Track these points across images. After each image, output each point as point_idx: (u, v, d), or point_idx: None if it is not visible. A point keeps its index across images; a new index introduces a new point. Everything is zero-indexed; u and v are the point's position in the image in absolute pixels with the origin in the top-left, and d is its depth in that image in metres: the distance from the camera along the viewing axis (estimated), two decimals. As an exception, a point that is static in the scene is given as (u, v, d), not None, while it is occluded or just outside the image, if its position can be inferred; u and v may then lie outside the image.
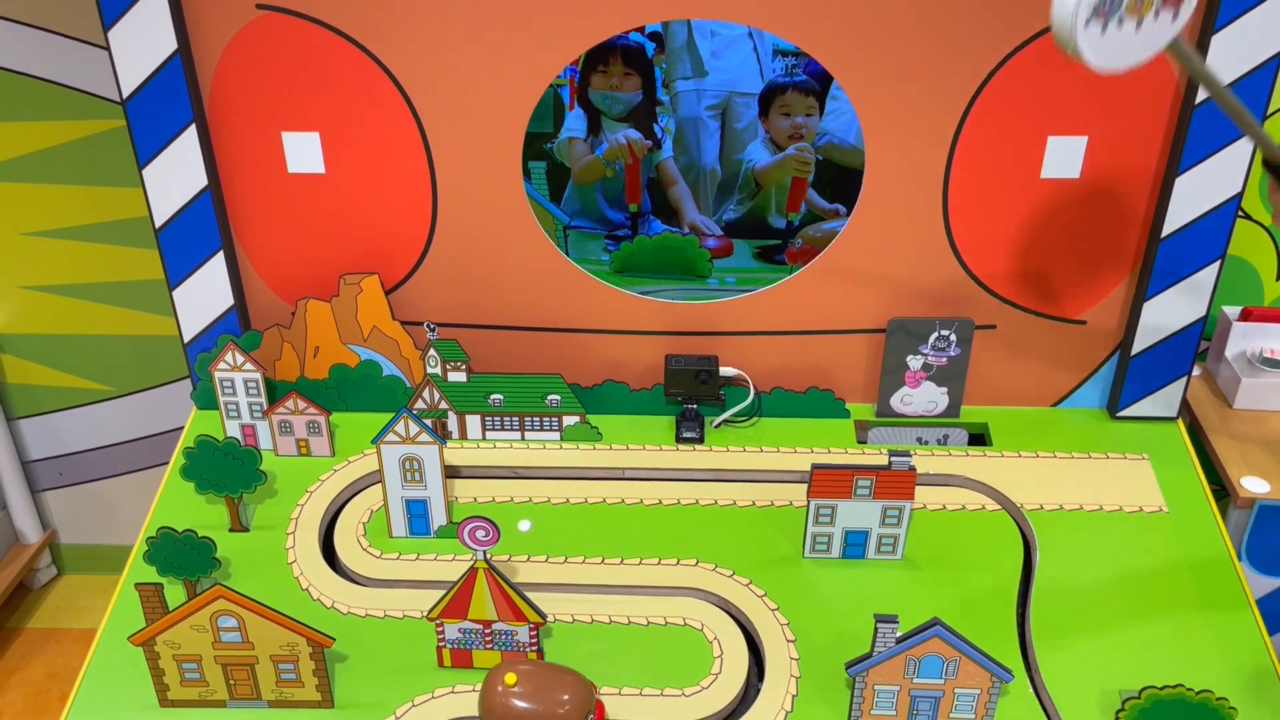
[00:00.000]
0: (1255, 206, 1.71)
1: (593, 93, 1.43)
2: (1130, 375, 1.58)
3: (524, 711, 1.15)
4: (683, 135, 1.46)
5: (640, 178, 1.50)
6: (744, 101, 1.44)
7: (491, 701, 1.15)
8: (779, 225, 1.52)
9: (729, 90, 1.43)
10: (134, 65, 1.41)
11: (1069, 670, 1.26)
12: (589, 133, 1.46)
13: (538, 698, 1.15)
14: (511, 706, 1.15)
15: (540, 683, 1.17)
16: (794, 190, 1.49)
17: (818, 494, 1.36)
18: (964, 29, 1.37)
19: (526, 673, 1.17)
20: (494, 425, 1.59)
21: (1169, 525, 1.44)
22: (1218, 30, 1.34)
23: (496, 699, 1.15)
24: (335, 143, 1.48)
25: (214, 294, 1.58)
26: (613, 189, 1.50)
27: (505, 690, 1.15)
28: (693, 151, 1.47)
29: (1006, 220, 1.50)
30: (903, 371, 1.59)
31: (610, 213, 1.52)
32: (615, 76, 1.42)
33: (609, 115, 1.45)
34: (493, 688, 1.16)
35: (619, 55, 1.41)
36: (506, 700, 1.15)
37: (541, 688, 1.16)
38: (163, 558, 1.31)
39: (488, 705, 1.16)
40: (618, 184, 1.50)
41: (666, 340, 1.61)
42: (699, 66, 1.41)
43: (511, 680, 1.15)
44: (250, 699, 1.23)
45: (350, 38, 1.41)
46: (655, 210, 1.52)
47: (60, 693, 2.22)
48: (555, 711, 1.15)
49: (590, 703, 1.17)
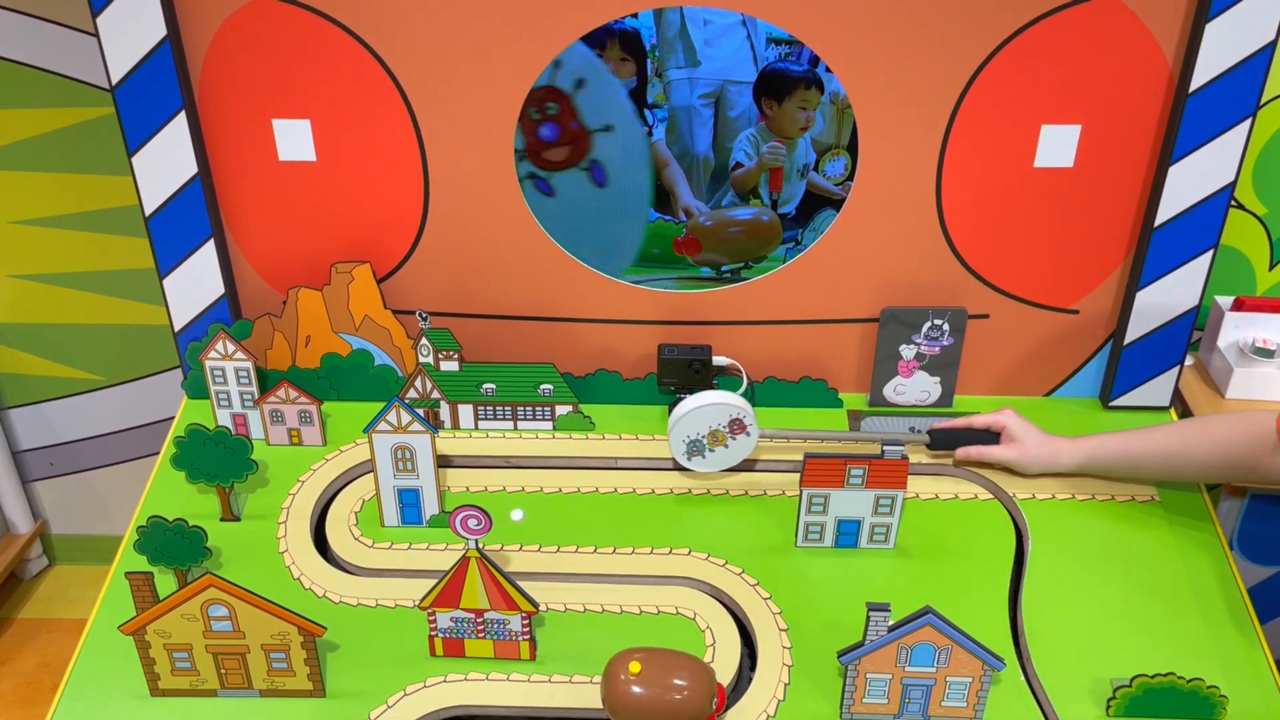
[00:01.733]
0: (1248, 196, 1.72)
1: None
2: (1123, 365, 1.58)
3: (647, 699, 1.14)
4: (676, 123, 1.45)
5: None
6: (737, 90, 1.43)
7: (616, 691, 1.15)
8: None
9: (722, 79, 1.42)
10: (123, 52, 1.40)
11: (1061, 658, 1.26)
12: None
13: (662, 685, 1.15)
14: (634, 695, 1.14)
15: (662, 669, 1.16)
16: (773, 175, 1.49)
17: (810, 483, 1.36)
18: (957, 17, 1.37)
19: (649, 660, 1.16)
20: (486, 414, 1.59)
21: (1161, 514, 1.44)
22: (1211, 19, 1.33)
23: (620, 688, 1.14)
24: (326, 130, 1.47)
25: (204, 283, 1.57)
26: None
27: (628, 679, 1.14)
28: (686, 140, 1.47)
29: (999, 209, 1.50)
30: (896, 361, 1.59)
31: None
32: (613, 62, 1.41)
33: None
34: (615, 677, 1.15)
35: (617, 40, 1.40)
36: (628, 689, 1.14)
37: (664, 674, 1.15)
38: (153, 547, 1.31)
39: (613, 695, 1.15)
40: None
41: (659, 330, 1.60)
42: (692, 55, 1.41)
43: (636, 669, 1.15)
44: (241, 688, 1.23)
45: (342, 24, 1.40)
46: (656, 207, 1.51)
47: (51, 683, 2.21)
48: (677, 698, 1.14)
49: (713, 687, 1.17)
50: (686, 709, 1.15)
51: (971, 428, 1.49)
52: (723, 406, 1.44)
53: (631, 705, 1.14)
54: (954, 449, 1.49)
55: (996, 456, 1.46)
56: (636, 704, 1.14)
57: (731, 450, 1.47)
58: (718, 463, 1.48)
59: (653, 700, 1.14)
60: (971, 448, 1.47)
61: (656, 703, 1.14)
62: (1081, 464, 1.44)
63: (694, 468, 1.49)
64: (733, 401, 1.45)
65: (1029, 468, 1.45)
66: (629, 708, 1.14)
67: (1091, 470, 1.45)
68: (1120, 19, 1.37)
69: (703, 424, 1.45)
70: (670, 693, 1.14)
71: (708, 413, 1.44)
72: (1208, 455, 1.35)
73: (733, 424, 1.44)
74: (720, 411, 1.44)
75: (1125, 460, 1.42)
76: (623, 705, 1.14)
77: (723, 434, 1.44)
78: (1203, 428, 1.37)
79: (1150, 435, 1.41)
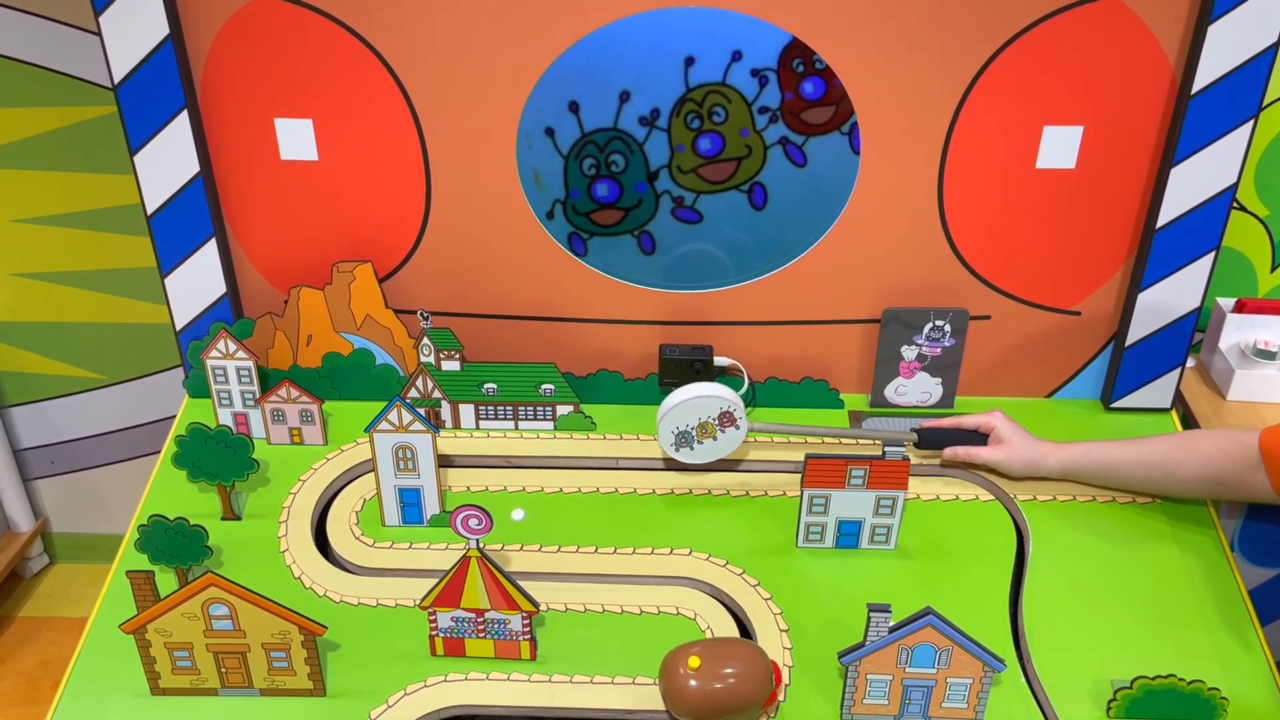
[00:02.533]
0: (1250, 198, 1.72)
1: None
2: (1124, 366, 1.58)
3: (713, 692, 1.15)
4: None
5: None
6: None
7: (678, 687, 1.16)
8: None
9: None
10: (126, 51, 1.40)
11: (1061, 660, 1.26)
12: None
13: (721, 676, 1.16)
14: (696, 690, 1.15)
15: (719, 659, 1.17)
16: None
17: (811, 484, 1.36)
18: (960, 18, 1.37)
19: (705, 652, 1.17)
20: (487, 414, 1.59)
21: (1162, 516, 1.44)
22: (1213, 21, 1.33)
23: (681, 683, 1.15)
24: (328, 130, 1.47)
25: (206, 282, 1.57)
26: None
27: (687, 673, 1.16)
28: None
29: (1001, 210, 1.50)
30: (897, 362, 1.59)
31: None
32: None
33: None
34: (675, 671, 1.16)
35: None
36: (687, 683, 1.15)
37: (721, 664, 1.16)
38: (154, 546, 1.31)
39: (675, 692, 1.16)
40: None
41: (661, 330, 1.60)
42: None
43: (695, 664, 1.16)
44: (242, 687, 1.23)
45: (344, 24, 1.40)
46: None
47: (52, 681, 2.21)
48: (740, 687, 1.16)
49: (768, 667, 1.18)
50: (748, 694, 1.16)
51: (960, 428, 1.49)
52: (712, 399, 1.44)
53: (696, 700, 1.15)
54: (942, 448, 1.49)
55: (983, 458, 1.46)
56: (701, 698, 1.15)
57: (720, 443, 1.46)
58: (706, 455, 1.48)
59: (716, 692, 1.15)
60: (959, 448, 1.48)
61: (720, 694, 1.16)
62: (1065, 470, 1.45)
63: (681, 459, 1.48)
64: (722, 394, 1.45)
65: (1013, 470, 1.46)
66: (694, 703, 1.15)
67: (1075, 477, 1.46)
68: (1123, 21, 1.37)
69: (692, 416, 1.45)
70: (730, 681, 1.16)
71: (697, 405, 1.44)
72: (1191, 470, 1.36)
73: (722, 416, 1.43)
74: (710, 404, 1.44)
75: (1108, 469, 1.43)
76: (687, 701, 1.15)
77: (712, 426, 1.43)
78: (1187, 443, 1.39)
79: (1136, 447, 1.42)
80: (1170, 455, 1.38)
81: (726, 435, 1.46)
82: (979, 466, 1.49)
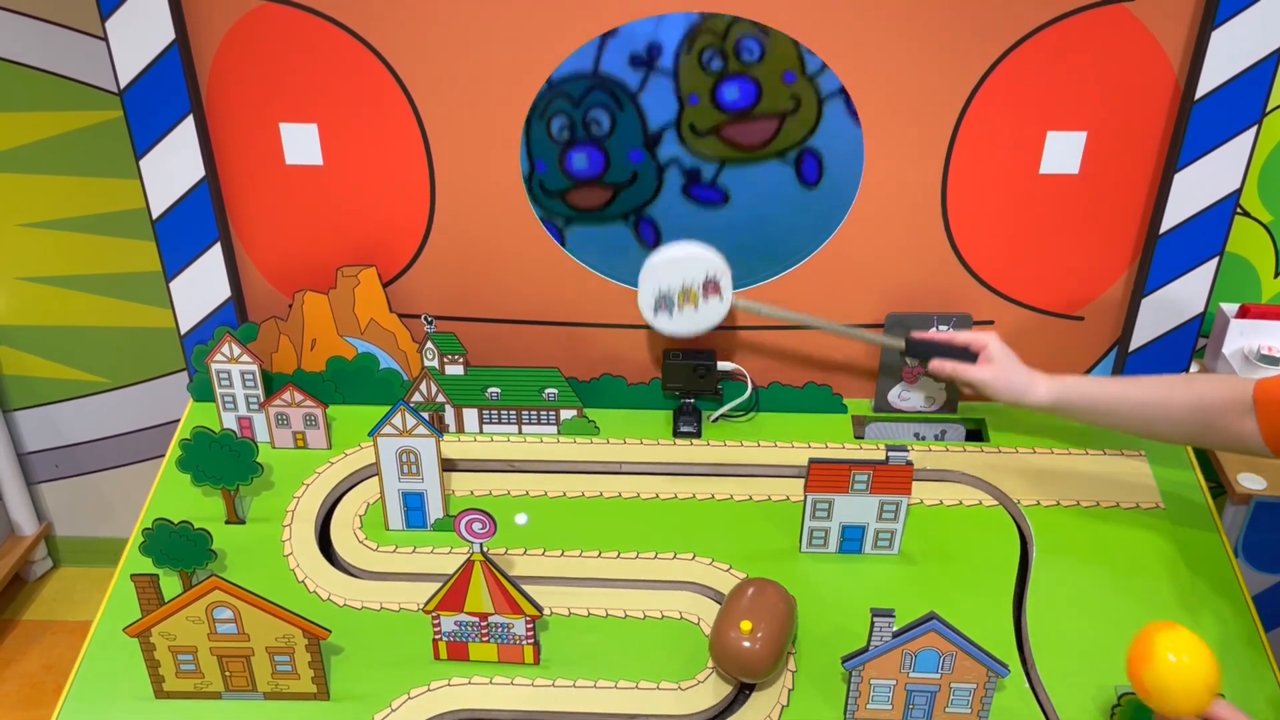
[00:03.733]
0: (1253, 203, 1.72)
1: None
2: (1128, 371, 1.58)
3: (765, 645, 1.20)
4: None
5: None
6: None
7: (739, 652, 1.19)
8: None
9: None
10: (132, 56, 1.41)
11: (1065, 665, 1.26)
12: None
13: (767, 626, 1.21)
14: (756, 650, 1.20)
15: (761, 613, 1.22)
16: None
17: (815, 489, 1.36)
18: (964, 23, 1.37)
19: (751, 610, 1.22)
20: (491, 418, 1.59)
21: (1165, 521, 1.44)
22: (1217, 26, 1.34)
23: (740, 649, 1.19)
24: (333, 134, 1.48)
25: (211, 286, 1.57)
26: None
27: (739, 635, 1.20)
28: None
29: (1005, 215, 1.50)
30: (900, 367, 1.59)
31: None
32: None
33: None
34: (735, 642, 1.19)
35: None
36: (744, 646, 1.19)
37: (762, 612, 1.22)
38: (158, 549, 1.31)
39: (742, 659, 1.20)
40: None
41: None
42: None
43: (748, 627, 1.20)
44: (246, 690, 1.23)
45: (349, 29, 1.41)
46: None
47: (55, 685, 2.22)
48: (777, 626, 1.22)
49: (790, 597, 1.25)
50: (790, 624, 1.24)
51: (951, 343, 1.44)
52: (700, 261, 1.37)
53: (763, 659, 1.20)
54: (929, 360, 1.45)
55: (970, 375, 1.41)
56: (768, 655, 1.20)
57: (701, 313, 1.39)
58: (683, 324, 1.41)
59: (775, 642, 1.21)
60: (947, 362, 1.43)
61: (776, 640, 1.21)
62: (1054, 401, 1.38)
63: (658, 325, 1.41)
64: (711, 259, 1.37)
65: (1000, 393, 1.40)
66: (762, 661, 1.20)
67: (1063, 410, 1.39)
68: (1126, 26, 1.37)
69: (676, 277, 1.37)
70: (777, 628, 1.21)
71: (684, 266, 1.37)
72: (1182, 410, 1.30)
73: (708, 284, 1.36)
74: (697, 267, 1.37)
75: (1099, 404, 1.36)
76: (755, 662, 1.20)
77: (695, 293, 1.36)
78: (1182, 382, 1.33)
79: (1129, 383, 1.36)
80: (1163, 394, 1.32)
81: (708, 305, 1.38)
82: (964, 383, 1.44)
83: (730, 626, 1.19)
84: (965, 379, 1.43)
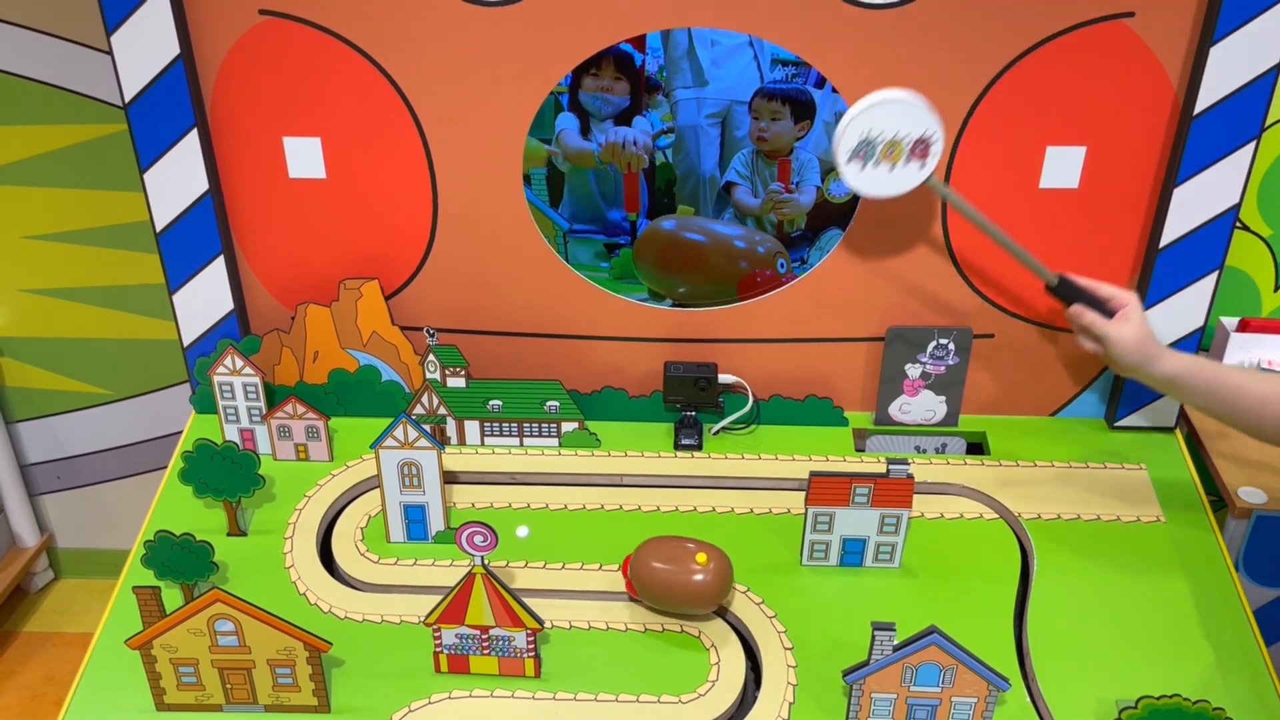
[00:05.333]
0: (1253, 218, 1.72)
1: (583, 94, 1.44)
2: (1128, 385, 1.59)
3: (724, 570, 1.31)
4: (683, 142, 1.46)
5: (639, 185, 1.50)
6: (743, 110, 1.44)
7: (698, 587, 1.29)
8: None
9: (729, 99, 1.43)
10: (136, 70, 1.42)
11: (1066, 679, 1.26)
12: (582, 134, 1.47)
13: (709, 552, 1.30)
14: (717, 575, 1.29)
15: (692, 550, 1.31)
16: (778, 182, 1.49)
17: (816, 501, 1.36)
18: (964, 39, 1.38)
19: (675, 550, 1.31)
20: (492, 431, 1.59)
21: (1166, 535, 1.44)
22: (1216, 42, 1.34)
23: (693, 581, 1.28)
24: (336, 148, 1.49)
25: (214, 298, 1.58)
26: (609, 188, 1.51)
27: (696, 568, 1.28)
28: (692, 159, 1.48)
29: (1005, 229, 1.51)
30: (901, 380, 1.59)
31: (610, 214, 1.52)
32: (606, 79, 1.42)
33: (597, 116, 1.45)
34: (691, 574, 1.28)
35: (611, 60, 1.41)
36: (698, 578, 1.29)
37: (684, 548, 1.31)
38: (160, 561, 1.31)
39: (701, 591, 1.29)
40: (613, 183, 1.50)
41: (665, 347, 1.61)
42: (699, 75, 1.42)
43: (704, 559, 1.28)
44: (246, 703, 1.23)
45: (353, 44, 1.42)
46: (654, 216, 1.52)
47: (56, 696, 2.21)
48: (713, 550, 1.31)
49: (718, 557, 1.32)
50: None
51: (1094, 294, 1.40)
52: (923, 116, 1.29)
53: (719, 587, 1.29)
54: (1070, 304, 1.41)
55: (1106, 329, 1.37)
56: (720, 583, 1.29)
57: (895, 175, 1.31)
58: (871, 182, 1.33)
59: (725, 569, 1.31)
60: (1087, 310, 1.40)
61: (726, 568, 1.31)
62: (1175, 374, 1.35)
63: (847, 175, 1.33)
64: (932, 120, 1.30)
65: (1129, 353, 1.37)
66: (718, 589, 1.29)
67: (1183, 387, 1.36)
68: (1126, 42, 1.38)
69: (890, 124, 1.29)
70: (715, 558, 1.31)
71: (904, 112, 1.28)
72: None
73: (918, 143, 1.27)
74: (917, 119, 1.29)
75: (1216, 390, 1.34)
76: (717, 592, 1.29)
77: (901, 148, 1.27)
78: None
79: (1251, 376, 1.33)
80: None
81: (907, 169, 1.30)
82: (1097, 335, 1.39)
83: (686, 570, 1.26)
84: (1099, 331, 1.39)
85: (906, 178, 1.31)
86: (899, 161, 1.29)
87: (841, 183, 1.41)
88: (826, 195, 1.48)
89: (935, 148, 1.28)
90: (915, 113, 1.30)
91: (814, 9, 1.36)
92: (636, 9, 1.37)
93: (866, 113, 1.30)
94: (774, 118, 1.43)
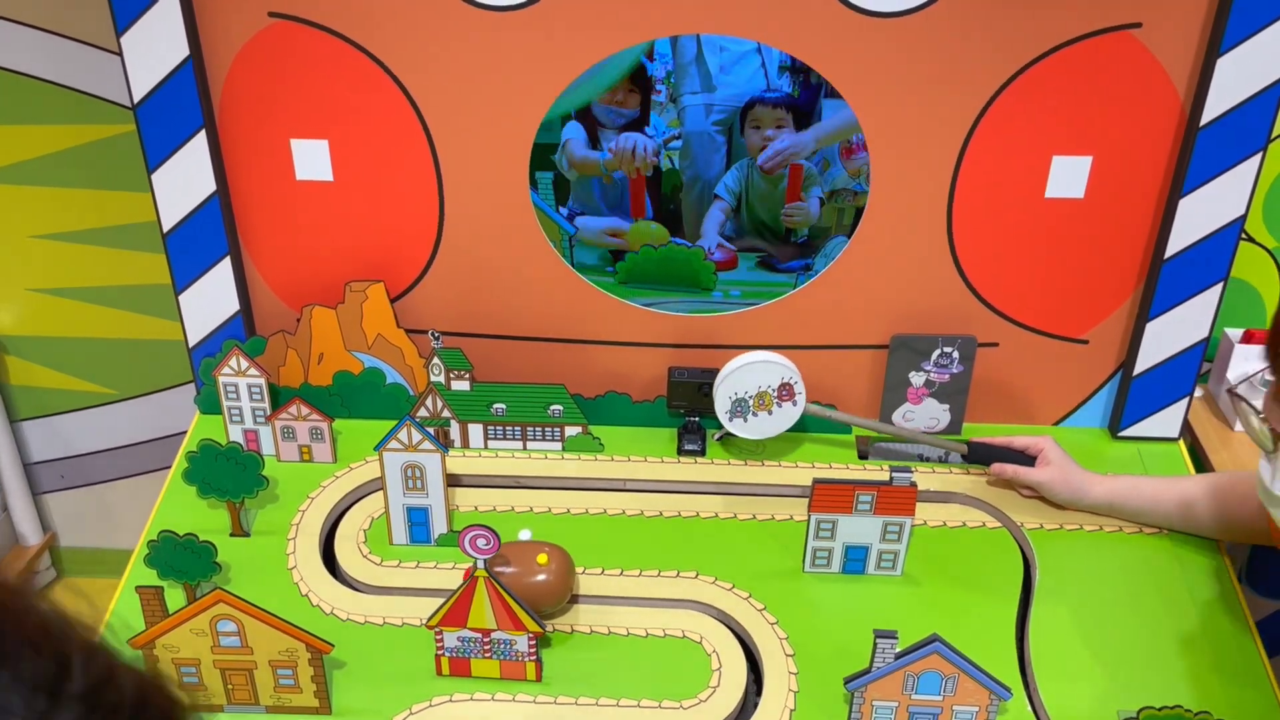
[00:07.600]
0: (1258, 229, 1.72)
1: (595, 105, 1.44)
2: (1132, 395, 1.58)
3: (565, 571, 1.33)
4: (689, 149, 1.47)
5: (644, 192, 1.50)
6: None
7: (541, 586, 1.30)
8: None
9: (736, 105, 1.44)
10: (145, 70, 1.42)
11: (1067, 689, 1.26)
12: (589, 144, 1.47)
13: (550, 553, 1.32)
14: (559, 575, 1.32)
15: (533, 551, 1.32)
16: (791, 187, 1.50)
17: (819, 509, 1.36)
18: (971, 48, 1.38)
19: (523, 552, 1.32)
20: (496, 434, 1.59)
21: (1169, 546, 1.44)
22: (1223, 53, 1.34)
23: (539, 581, 1.30)
24: (344, 151, 1.49)
25: (220, 299, 1.58)
26: (614, 197, 1.51)
27: (540, 567, 1.30)
28: (699, 165, 1.48)
29: (1010, 238, 1.51)
30: (905, 388, 1.59)
31: (613, 220, 1.52)
32: (620, 92, 1.42)
33: (609, 127, 1.45)
34: (533, 573, 1.30)
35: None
36: (541, 578, 1.30)
37: (530, 550, 1.33)
38: (163, 561, 1.31)
39: (545, 591, 1.29)
40: (620, 190, 1.50)
41: (670, 352, 1.61)
42: (707, 81, 1.42)
43: (545, 560, 1.30)
44: (248, 703, 1.23)
45: (361, 47, 1.42)
46: (659, 222, 1.52)
47: (57, 696, 2.21)
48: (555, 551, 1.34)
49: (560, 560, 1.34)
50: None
51: (1010, 447, 1.50)
52: (775, 366, 1.44)
53: (562, 588, 1.32)
54: (989, 464, 1.50)
55: (1030, 477, 1.46)
56: (561, 585, 1.32)
57: (775, 418, 1.47)
58: (759, 429, 1.49)
59: (566, 569, 1.33)
60: (1008, 465, 1.48)
61: (567, 568, 1.34)
62: (1111, 500, 1.45)
63: (734, 430, 1.49)
64: (784, 364, 1.45)
65: (1058, 494, 1.46)
66: (561, 590, 1.32)
67: (1119, 510, 1.46)
68: (1133, 53, 1.38)
69: (751, 383, 1.45)
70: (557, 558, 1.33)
71: (759, 370, 1.44)
72: (1223, 510, 1.38)
73: (782, 388, 1.43)
74: (772, 372, 1.44)
75: (1153, 505, 1.44)
76: (559, 592, 1.32)
77: (770, 398, 1.43)
78: (1229, 481, 1.40)
79: (1177, 483, 1.45)
80: (1213, 493, 1.40)
81: (782, 410, 1.46)
82: (1024, 485, 1.49)
83: (528, 571, 1.28)
84: (1026, 481, 1.48)
85: (786, 416, 1.49)
86: (772, 407, 1.47)
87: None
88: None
89: (798, 386, 1.47)
90: (767, 367, 1.46)
91: (823, 17, 1.37)
92: (647, 15, 1.38)
93: (726, 381, 1.47)
94: (778, 125, 1.43)
